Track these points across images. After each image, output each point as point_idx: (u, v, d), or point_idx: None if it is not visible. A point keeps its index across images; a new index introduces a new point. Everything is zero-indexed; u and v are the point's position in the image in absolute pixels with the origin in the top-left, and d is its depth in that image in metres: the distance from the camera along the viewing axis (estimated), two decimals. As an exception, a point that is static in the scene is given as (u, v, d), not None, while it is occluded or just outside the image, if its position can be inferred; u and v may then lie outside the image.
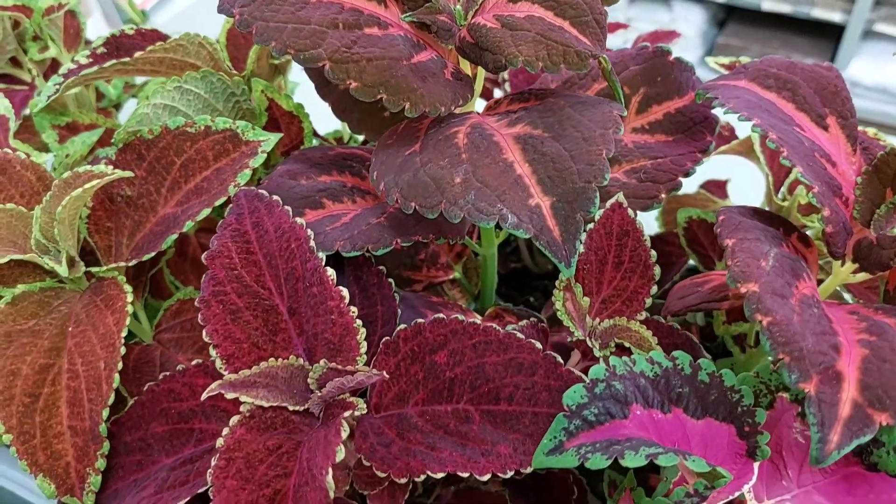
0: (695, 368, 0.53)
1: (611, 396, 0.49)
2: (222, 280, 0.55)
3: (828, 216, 0.54)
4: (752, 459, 0.52)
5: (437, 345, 0.58)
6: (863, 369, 0.48)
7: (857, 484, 0.52)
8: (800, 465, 0.53)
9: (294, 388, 0.54)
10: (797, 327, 0.48)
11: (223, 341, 0.53)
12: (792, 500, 0.53)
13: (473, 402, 0.56)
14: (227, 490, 0.50)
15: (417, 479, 0.52)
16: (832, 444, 0.45)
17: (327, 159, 0.68)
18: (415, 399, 0.58)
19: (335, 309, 0.53)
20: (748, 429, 0.52)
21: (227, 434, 0.51)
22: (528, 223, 0.51)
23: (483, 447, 0.54)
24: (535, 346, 0.56)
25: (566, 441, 0.48)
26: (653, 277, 0.63)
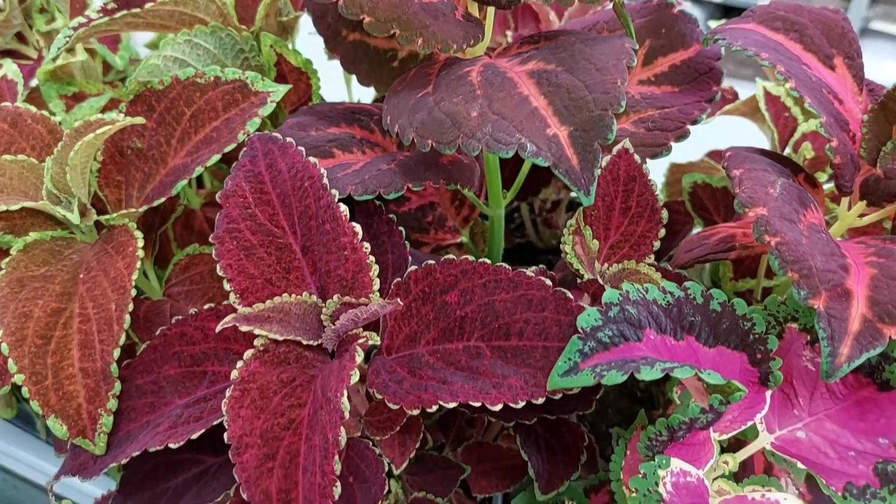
0: (706, 298, 0.53)
1: (624, 320, 0.50)
2: (236, 218, 0.55)
3: (835, 146, 0.55)
4: (764, 387, 0.53)
5: (447, 285, 0.58)
6: (872, 287, 0.48)
7: (868, 409, 0.52)
8: (811, 393, 0.53)
9: (307, 324, 0.54)
10: (806, 247, 0.49)
11: (237, 276, 0.53)
12: (804, 428, 0.54)
13: (484, 339, 0.56)
14: (241, 419, 0.50)
15: (430, 409, 0.53)
16: (842, 357, 0.46)
17: (336, 113, 0.68)
18: (426, 339, 0.58)
19: (348, 245, 0.54)
20: (760, 356, 0.52)
21: (241, 367, 0.52)
22: (547, 151, 0.51)
23: (494, 380, 0.54)
24: (544, 282, 0.57)
25: (581, 362, 0.48)
26: (660, 221, 0.63)
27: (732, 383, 0.45)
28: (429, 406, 0.53)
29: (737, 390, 0.45)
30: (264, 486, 0.48)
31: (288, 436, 0.50)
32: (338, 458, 0.46)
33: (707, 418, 0.47)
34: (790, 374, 0.54)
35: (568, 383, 0.48)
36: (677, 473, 0.50)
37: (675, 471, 0.50)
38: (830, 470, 0.51)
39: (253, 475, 0.48)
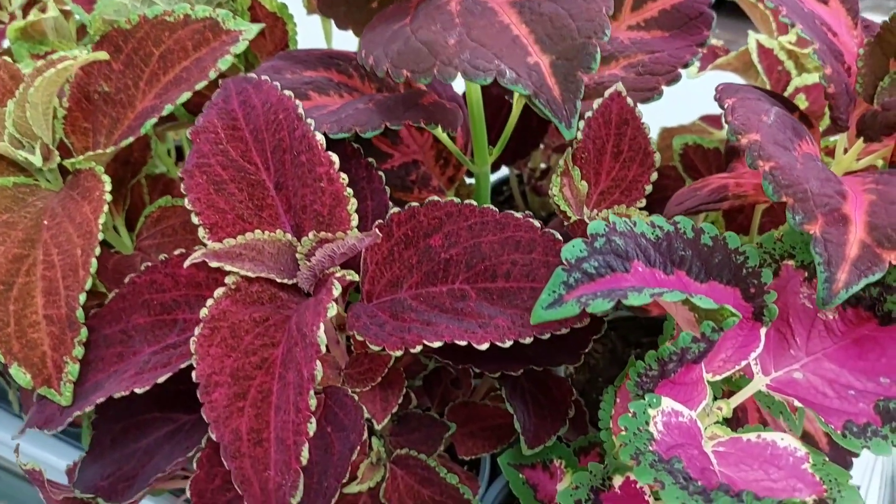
0: (697, 232, 0.51)
1: (611, 251, 0.47)
2: (206, 153, 0.53)
3: (829, 74, 0.52)
4: (758, 323, 0.50)
5: (431, 228, 0.56)
6: (870, 212, 0.46)
7: (868, 348, 0.50)
8: (808, 331, 0.51)
9: (282, 263, 0.52)
10: (800, 172, 0.47)
11: (206, 209, 0.51)
12: (801, 369, 0.51)
13: (469, 282, 0.54)
14: (211, 357, 0.47)
15: (413, 349, 0.50)
16: (839, 282, 0.44)
17: (313, 57, 0.66)
18: (409, 283, 0.56)
19: (324, 175, 0.51)
20: (754, 290, 0.50)
21: (211, 305, 0.49)
22: (527, 80, 0.49)
23: (480, 320, 0.51)
24: (532, 223, 0.54)
25: (565, 294, 0.46)
26: (653, 165, 0.61)
27: (725, 308, 0.43)
28: (412, 346, 0.50)
29: (730, 315, 0.43)
30: (234, 426, 0.45)
31: (260, 375, 0.47)
32: (312, 394, 0.43)
33: (699, 348, 0.44)
34: (786, 313, 0.52)
35: (552, 315, 0.45)
36: (668, 413, 0.48)
37: (667, 410, 0.48)
38: (829, 409, 0.49)
39: (223, 414, 0.45)
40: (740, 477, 0.47)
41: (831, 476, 0.46)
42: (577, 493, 0.53)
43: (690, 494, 0.41)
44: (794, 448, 0.48)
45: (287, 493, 0.42)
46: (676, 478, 0.42)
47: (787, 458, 0.48)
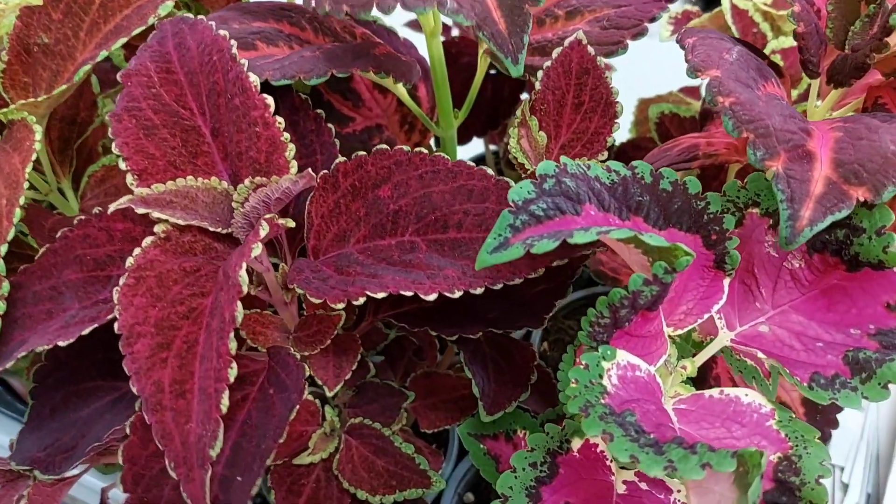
0: (656, 177, 0.48)
1: (561, 193, 0.44)
2: (137, 97, 0.50)
3: (798, 12, 0.50)
4: (721, 273, 0.47)
5: (380, 178, 0.53)
6: (836, 149, 0.43)
7: (837, 299, 0.47)
8: (774, 282, 0.48)
9: (217, 213, 0.49)
10: (762, 108, 0.44)
11: (134, 154, 0.48)
12: (767, 322, 0.48)
13: (419, 233, 0.51)
14: (135, 308, 0.44)
15: (356, 301, 0.47)
16: (803, 220, 0.41)
17: (264, 9, 0.63)
18: (356, 237, 0.53)
19: (259, 119, 0.48)
20: (715, 237, 0.47)
21: (138, 254, 0.46)
22: (470, 11, 0.46)
23: (429, 271, 0.49)
24: (486, 172, 0.51)
25: (511, 237, 0.43)
26: (615, 116, 0.58)
27: (678, 247, 0.40)
28: (355, 298, 0.47)
29: (683, 254, 0.40)
30: (156, 378, 0.42)
31: (187, 325, 0.44)
32: (233, 337, 0.40)
33: (651, 292, 0.41)
34: (751, 264, 0.49)
35: (497, 259, 0.42)
36: (625, 367, 0.45)
37: (623, 364, 0.45)
38: (796, 362, 0.46)
39: (144, 366, 0.42)
40: (701, 434, 0.45)
41: (797, 433, 0.43)
42: (532, 456, 0.50)
43: (641, 447, 0.38)
44: (758, 405, 0.45)
45: (207, 445, 0.39)
46: (627, 430, 0.39)
47: (750, 415, 0.45)
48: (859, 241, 0.43)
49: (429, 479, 0.58)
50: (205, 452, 0.39)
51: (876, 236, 0.43)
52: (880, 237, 0.42)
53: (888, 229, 0.42)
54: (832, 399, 0.43)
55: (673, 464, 0.37)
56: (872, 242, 0.43)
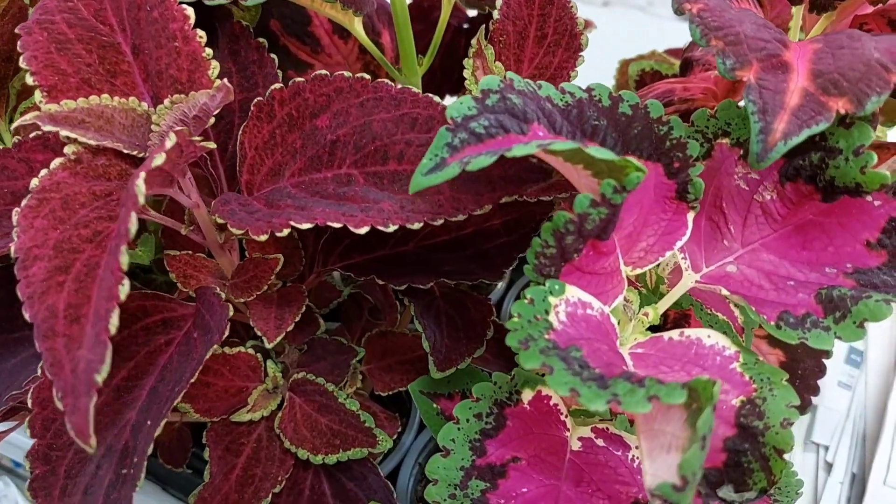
0: (615, 101, 0.44)
1: (506, 110, 0.40)
2: (52, 10, 0.45)
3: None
4: (684, 205, 0.43)
5: (318, 107, 0.49)
6: (815, 59, 0.39)
7: (813, 237, 0.43)
8: (744, 218, 0.44)
9: (136, 136, 0.45)
10: (733, 15, 0.39)
11: (43, 69, 0.44)
12: (735, 262, 0.44)
13: (357, 165, 0.47)
14: (35, 230, 0.40)
15: (279, 233, 0.43)
16: (776, 133, 0.36)
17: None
18: (291, 170, 0.49)
19: (178, 33, 0.44)
20: (678, 164, 0.43)
21: (44, 175, 0.42)
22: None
23: (364, 205, 0.44)
24: (433, 100, 0.47)
25: (449, 157, 0.39)
26: (579, 48, 0.54)
27: (628, 161, 0.36)
28: (279, 229, 0.43)
29: (635, 170, 0.36)
30: (51, 302, 0.38)
31: (90, 248, 0.40)
32: (125, 251, 0.36)
33: (600, 215, 0.37)
34: (719, 199, 0.45)
35: (433, 180, 0.38)
36: (575, 304, 0.41)
37: (573, 300, 0.41)
38: (763, 300, 0.42)
39: (38, 290, 0.38)
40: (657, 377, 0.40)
41: (763, 375, 0.39)
42: (477, 407, 0.46)
43: (584, 381, 0.34)
44: (721, 346, 0.41)
45: (94, 370, 0.35)
46: (570, 364, 0.35)
47: (713, 358, 0.41)
48: (835, 163, 0.39)
49: (374, 438, 0.54)
50: (91, 378, 0.35)
51: (853, 156, 0.38)
52: (858, 157, 0.38)
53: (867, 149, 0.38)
54: (801, 338, 0.39)
55: (617, 397, 0.33)
56: (850, 164, 0.38)
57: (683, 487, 0.30)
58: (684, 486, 0.30)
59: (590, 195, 0.37)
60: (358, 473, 0.60)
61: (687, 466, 0.30)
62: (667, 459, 0.33)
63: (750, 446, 0.38)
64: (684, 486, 0.30)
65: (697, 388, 0.32)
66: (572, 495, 0.45)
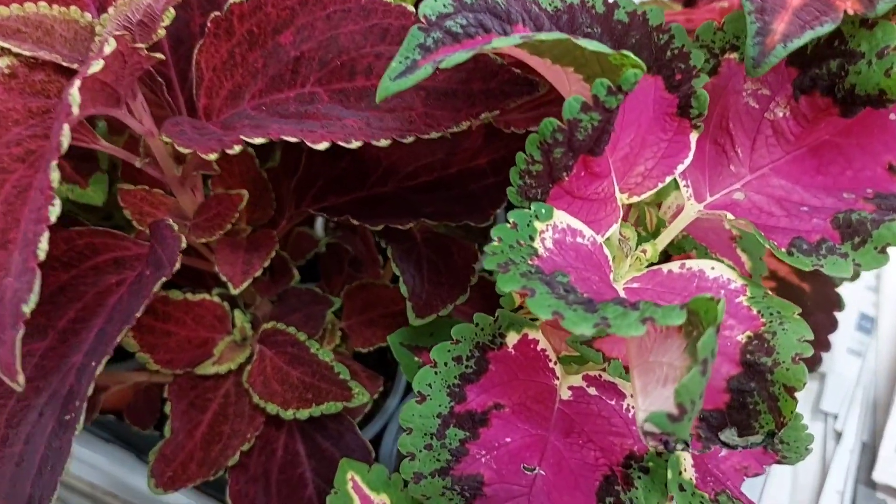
0: (610, 7, 0.39)
1: (487, 9, 0.36)
2: None
3: None
4: (687, 123, 0.39)
5: (282, 22, 0.44)
6: (830, -50, 0.34)
7: (830, 159, 0.38)
8: (752, 140, 0.40)
9: (77, 50, 0.40)
10: None
11: (-28, -29, 0.39)
12: (743, 189, 0.40)
13: (322, 83, 0.43)
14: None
15: (230, 150, 0.39)
16: (776, 34, 0.32)
17: None
18: (252, 92, 0.44)
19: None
20: (680, 76, 0.38)
21: (-28, 89, 0.38)
22: None
23: (325, 121, 0.40)
24: (406, 9, 0.43)
25: (421, 59, 0.34)
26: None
27: (625, 56, 0.31)
28: (230, 147, 0.39)
29: (632, 65, 0.31)
30: (-27, 226, 0.34)
31: (22, 168, 0.36)
32: (55, 166, 0.32)
33: (592, 121, 0.33)
34: (726, 119, 0.40)
35: (403, 84, 0.34)
36: (564, 230, 0.36)
37: (561, 227, 0.36)
38: (773, 227, 0.37)
39: (-41, 213, 0.34)
40: (655, 315, 0.36)
41: (773, 309, 0.35)
42: (457, 349, 0.41)
43: (569, 304, 0.30)
44: (727, 279, 0.37)
45: (21, 300, 0.31)
46: (555, 288, 0.31)
47: (717, 291, 0.37)
48: (856, 68, 0.35)
49: (349, 391, 0.50)
50: (18, 309, 0.31)
51: (877, 59, 0.34)
52: (882, 59, 0.34)
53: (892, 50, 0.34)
54: (816, 265, 0.35)
55: (607, 320, 0.28)
56: (872, 67, 0.34)
57: (680, 417, 0.26)
58: (681, 416, 0.26)
59: (581, 98, 0.32)
60: (334, 432, 0.56)
61: (684, 392, 0.26)
62: (662, 393, 0.29)
63: (757, 385, 0.33)
64: (681, 415, 0.26)
65: (698, 309, 0.28)
66: (561, 447, 0.41)
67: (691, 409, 0.26)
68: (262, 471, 0.54)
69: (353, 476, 0.46)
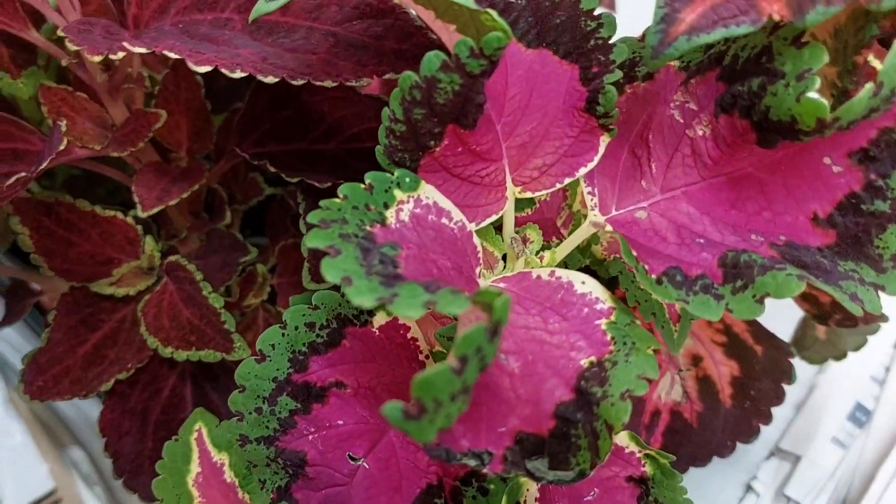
0: (544, -18, 0.35)
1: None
2: None
3: None
4: (595, 121, 0.35)
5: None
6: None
7: (748, 195, 0.34)
8: (670, 157, 0.36)
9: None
10: None
11: None
12: (649, 209, 0.36)
13: (241, 10, 0.41)
14: None
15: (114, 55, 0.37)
16: (682, 24, 0.28)
17: None
18: (177, 9, 0.42)
19: None
20: (597, 69, 0.34)
21: None
22: None
23: (222, 47, 0.38)
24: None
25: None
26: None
27: (488, 14, 0.28)
28: (114, 52, 0.37)
29: (495, 27, 0.28)
30: None
31: None
32: None
33: (453, 85, 0.29)
34: (648, 130, 0.36)
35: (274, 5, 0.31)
36: (427, 206, 0.33)
37: (426, 202, 0.33)
38: (656, 252, 0.33)
39: None
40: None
41: (629, 338, 0.31)
42: (312, 315, 0.38)
43: (369, 273, 0.27)
44: (594, 297, 0.33)
45: None
46: (368, 256, 0.28)
47: (580, 308, 0.33)
48: (773, 89, 0.30)
49: (231, 343, 0.48)
50: None
51: (795, 81, 0.29)
52: (800, 82, 0.29)
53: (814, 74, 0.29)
54: (679, 300, 0.30)
55: (393, 297, 0.25)
56: (789, 90, 0.29)
57: (418, 415, 0.22)
58: (419, 415, 0.22)
59: (441, 55, 0.29)
60: (225, 387, 0.54)
61: (423, 386, 0.22)
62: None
63: (583, 417, 0.29)
64: (419, 414, 0.22)
65: (488, 302, 0.24)
66: (397, 444, 0.38)
67: (434, 411, 0.23)
68: (143, 407, 0.53)
69: (200, 428, 0.44)
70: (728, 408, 0.53)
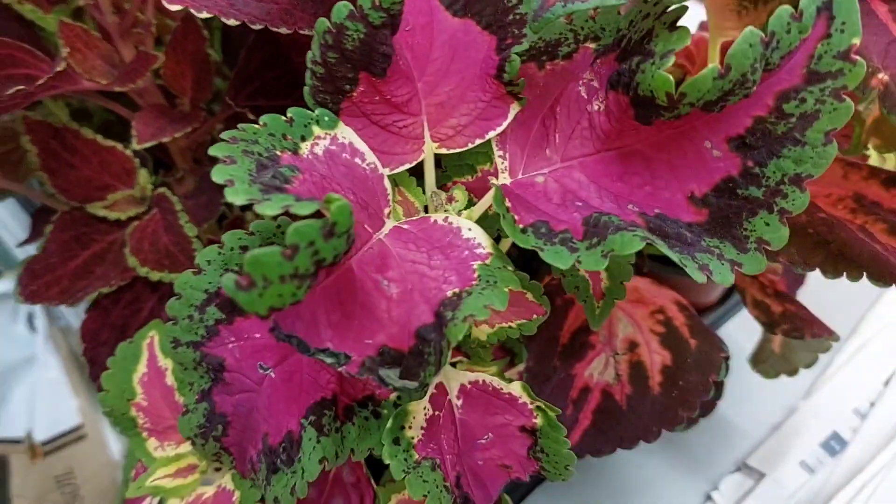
0: (478, -42, 0.40)
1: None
2: None
3: None
4: (502, 88, 0.39)
5: None
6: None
7: (633, 170, 0.37)
8: (572, 129, 0.39)
9: None
10: None
11: None
12: (548, 175, 0.39)
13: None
14: None
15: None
16: (560, -4, 0.32)
17: None
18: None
19: None
20: (510, 41, 0.38)
21: None
22: None
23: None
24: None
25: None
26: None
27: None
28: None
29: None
30: None
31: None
32: None
33: (358, 33, 0.34)
34: (558, 104, 0.40)
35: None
36: (343, 145, 0.38)
37: (342, 141, 0.38)
38: (535, 208, 0.37)
39: None
40: (397, 252, 0.37)
41: (493, 278, 0.35)
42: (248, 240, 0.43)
43: (254, 182, 0.31)
44: (476, 243, 0.37)
45: None
46: (262, 170, 0.32)
47: (462, 251, 0.37)
48: (643, 66, 0.33)
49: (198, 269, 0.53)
50: None
51: (659, 60, 0.33)
52: (662, 60, 0.32)
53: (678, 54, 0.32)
54: (536, 247, 0.34)
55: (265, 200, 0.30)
56: (653, 67, 0.33)
57: (247, 287, 0.27)
58: (248, 287, 0.27)
59: (349, 5, 0.33)
60: (197, 313, 0.59)
61: (254, 262, 0.26)
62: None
63: (436, 337, 0.33)
64: (248, 286, 0.27)
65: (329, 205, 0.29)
66: (305, 362, 0.42)
67: (263, 287, 0.27)
68: (123, 322, 0.58)
69: (154, 335, 0.49)
70: (656, 394, 0.56)
